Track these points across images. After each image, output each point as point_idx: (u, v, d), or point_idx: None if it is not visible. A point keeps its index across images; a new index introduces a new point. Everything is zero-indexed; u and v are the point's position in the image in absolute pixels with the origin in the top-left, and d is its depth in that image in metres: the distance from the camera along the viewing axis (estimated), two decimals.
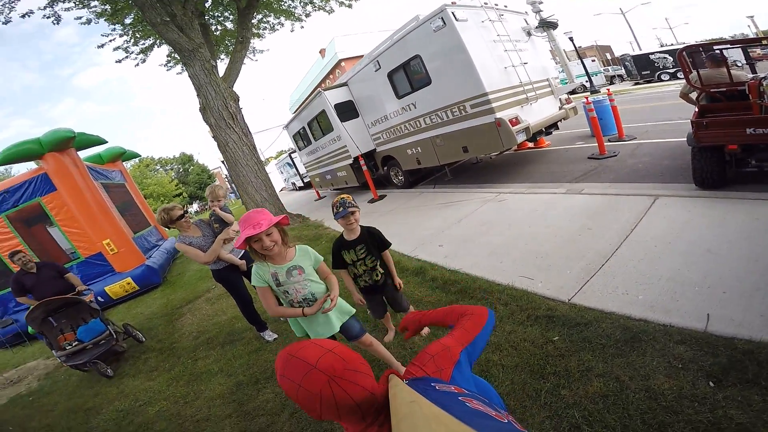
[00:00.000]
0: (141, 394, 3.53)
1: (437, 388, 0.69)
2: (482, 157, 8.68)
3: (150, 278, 7.92)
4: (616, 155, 6.35)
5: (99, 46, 11.18)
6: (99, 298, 4.82)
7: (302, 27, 12.17)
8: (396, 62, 7.08)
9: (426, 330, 2.86)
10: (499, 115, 5.86)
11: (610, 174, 5.57)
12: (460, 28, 5.69)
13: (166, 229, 3.41)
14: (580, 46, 20.59)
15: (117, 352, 4.51)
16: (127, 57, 11.22)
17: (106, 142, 9.12)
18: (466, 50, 5.72)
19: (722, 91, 3.95)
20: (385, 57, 7.28)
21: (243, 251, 3.55)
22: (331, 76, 36.94)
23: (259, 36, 11.83)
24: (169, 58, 12.01)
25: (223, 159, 9.57)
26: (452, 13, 5.70)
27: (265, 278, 2.03)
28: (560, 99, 7.29)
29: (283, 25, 11.89)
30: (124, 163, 11.49)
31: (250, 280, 3.14)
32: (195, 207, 45.93)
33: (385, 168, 9.31)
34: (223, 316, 4.76)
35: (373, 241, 2.55)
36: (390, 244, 2.65)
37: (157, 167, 45.49)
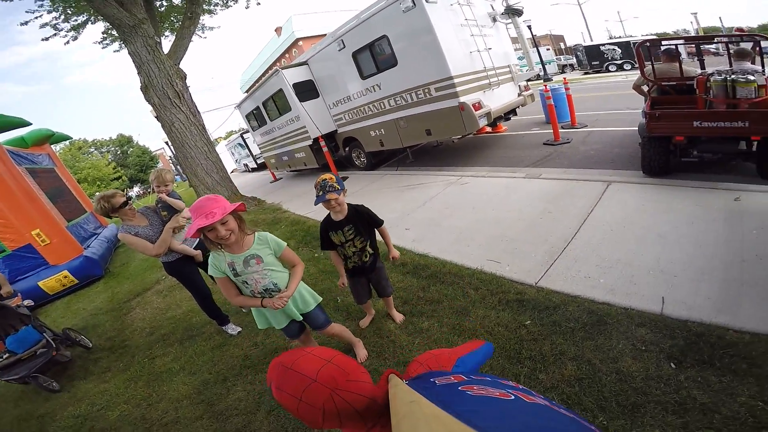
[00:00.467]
0: (97, 398, 3.19)
1: (437, 383, 0.68)
2: (443, 140, 8.73)
3: (90, 270, 7.23)
4: (569, 142, 6.65)
5: (22, 24, 9.70)
6: (28, 302, 4.11)
7: (258, 3, 11.24)
8: (362, 42, 6.84)
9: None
10: (462, 99, 5.88)
11: (565, 160, 5.82)
12: (429, 10, 5.58)
13: (107, 218, 2.93)
14: (535, 35, 21.17)
15: (59, 362, 3.80)
16: (56, 34, 9.89)
17: (30, 124, 8.10)
18: (434, 33, 5.63)
19: (672, 85, 4.21)
20: (351, 36, 7.00)
21: (197, 240, 3.22)
22: (287, 55, 35.81)
23: (210, 12, 10.86)
24: (105, 35, 10.74)
25: (168, 140, 8.84)
26: None
27: (221, 268, 1.92)
28: (519, 86, 7.46)
29: (237, 1, 10.97)
30: (53, 146, 10.30)
31: (207, 271, 2.92)
32: (136, 191, 42.84)
33: (347, 149, 9.10)
34: (178, 309, 4.43)
35: (362, 220, 2.42)
36: (382, 221, 2.51)
37: (92, 150, 42.09)
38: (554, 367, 2.00)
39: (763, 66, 3.59)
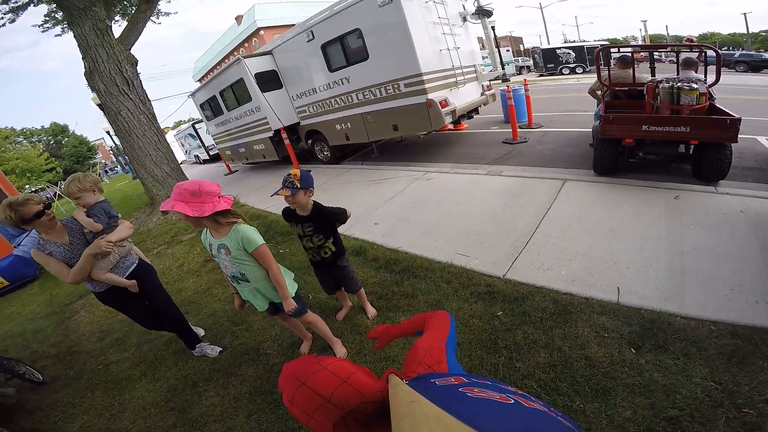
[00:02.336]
0: (49, 410, 2.88)
1: (437, 384, 0.67)
2: (408, 135, 8.81)
3: (22, 270, 6.60)
4: (526, 141, 6.99)
5: None
6: None
7: None
8: (333, 34, 6.70)
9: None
10: (430, 96, 5.96)
11: (523, 158, 6.11)
12: (405, 6, 5.57)
13: (18, 229, 2.29)
14: (497, 36, 21.86)
15: (1, 404, 2.98)
16: None
17: None
18: (408, 29, 5.64)
19: (624, 90, 4.55)
20: (321, 27, 6.82)
21: (135, 263, 2.68)
22: (246, 45, 34.73)
23: None
24: (48, 18, 9.67)
25: (110, 129, 8.16)
26: None
27: (205, 245, 2.10)
28: (483, 85, 7.68)
29: None
30: None
31: (149, 295, 2.74)
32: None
33: (310, 142, 8.90)
34: None
35: (324, 219, 2.41)
36: (342, 218, 2.47)
37: (20, 139, 38.24)
38: (528, 356, 2.11)
39: (705, 75, 3.97)
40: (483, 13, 7.08)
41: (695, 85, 3.76)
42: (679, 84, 3.86)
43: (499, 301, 2.68)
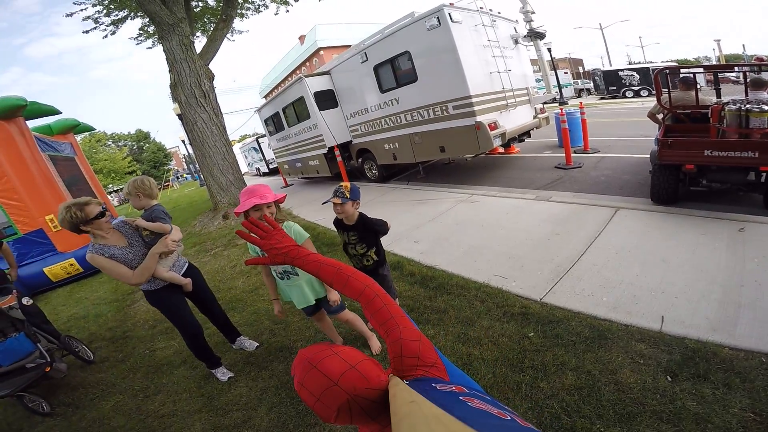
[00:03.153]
0: (91, 387, 3.19)
1: (438, 388, 0.70)
2: (455, 157, 8.89)
3: None
4: (580, 167, 6.75)
5: (68, 15, 10.30)
6: (27, 300, 3.39)
7: (287, 11, 11.75)
8: (384, 56, 7.07)
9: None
10: (479, 118, 6.04)
11: (575, 184, 5.91)
12: (454, 29, 5.77)
13: (76, 233, 2.29)
14: (554, 57, 21.36)
15: (52, 378, 3.09)
16: (96, 28, 10.46)
17: (60, 112, 8.43)
18: (456, 52, 5.82)
19: (687, 113, 4.31)
20: (374, 49, 7.24)
21: (187, 263, 2.83)
22: (307, 64, 36.82)
23: (242, 16, 11.39)
24: (141, 32, 11.35)
25: (187, 138, 9.16)
26: (449, 14, 5.79)
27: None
28: (535, 108, 7.62)
29: (267, 7, 11.50)
30: (76, 136, 10.64)
31: (197, 302, 2.97)
32: None
33: (360, 160, 9.30)
34: None
35: (367, 230, 2.59)
36: (382, 230, 2.59)
37: (109, 142, 43.06)
38: (555, 377, 2.08)
39: None
40: (535, 35, 7.10)
41: (766, 107, 3.48)
42: (747, 106, 3.60)
43: (533, 322, 2.65)
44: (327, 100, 8.85)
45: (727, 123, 3.80)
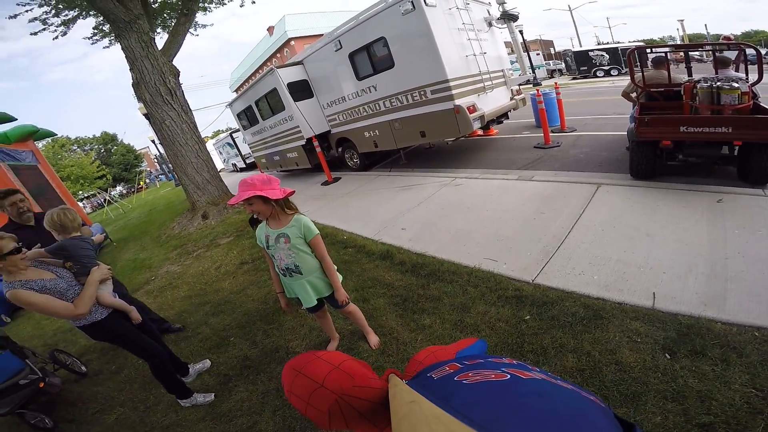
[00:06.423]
0: (89, 401, 3.08)
1: (434, 377, 0.69)
2: (436, 142, 8.84)
3: None
4: (559, 145, 6.82)
5: (11, 17, 9.51)
6: (4, 317, 3.27)
7: (254, 2, 11.17)
8: (359, 43, 6.89)
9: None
10: (458, 102, 5.98)
11: (555, 163, 5.97)
12: (428, 13, 5.65)
13: None
14: (526, 39, 21.56)
15: (49, 393, 3.06)
16: (44, 29, 9.69)
17: (15, 119, 7.91)
18: (432, 36, 5.71)
19: (660, 91, 4.39)
20: (348, 37, 7.04)
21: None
22: (278, 55, 35.90)
23: (205, 9, 10.79)
24: (96, 31, 10.58)
25: (157, 138, 8.74)
26: None
27: (261, 238, 2.23)
28: (512, 89, 7.61)
29: None
30: (36, 143, 10.04)
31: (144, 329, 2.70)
32: (119, 190, 41.86)
33: (340, 150, 9.13)
34: (170, 310, 4.32)
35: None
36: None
37: (74, 147, 40.89)
38: (556, 359, 2.09)
39: (746, 74, 3.78)
40: (508, 17, 7.06)
41: (736, 84, 3.58)
42: (718, 83, 3.68)
43: (527, 305, 2.66)
44: (301, 90, 8.61)
45: (700, 100, 3.89)
